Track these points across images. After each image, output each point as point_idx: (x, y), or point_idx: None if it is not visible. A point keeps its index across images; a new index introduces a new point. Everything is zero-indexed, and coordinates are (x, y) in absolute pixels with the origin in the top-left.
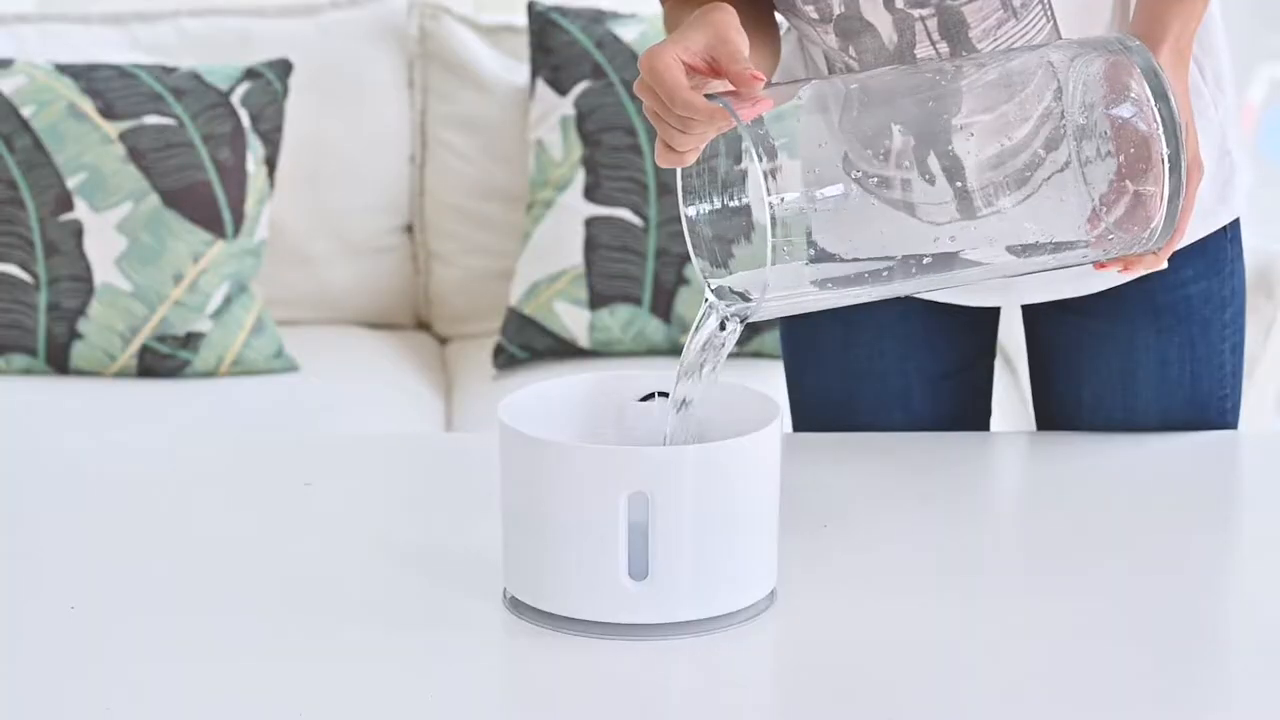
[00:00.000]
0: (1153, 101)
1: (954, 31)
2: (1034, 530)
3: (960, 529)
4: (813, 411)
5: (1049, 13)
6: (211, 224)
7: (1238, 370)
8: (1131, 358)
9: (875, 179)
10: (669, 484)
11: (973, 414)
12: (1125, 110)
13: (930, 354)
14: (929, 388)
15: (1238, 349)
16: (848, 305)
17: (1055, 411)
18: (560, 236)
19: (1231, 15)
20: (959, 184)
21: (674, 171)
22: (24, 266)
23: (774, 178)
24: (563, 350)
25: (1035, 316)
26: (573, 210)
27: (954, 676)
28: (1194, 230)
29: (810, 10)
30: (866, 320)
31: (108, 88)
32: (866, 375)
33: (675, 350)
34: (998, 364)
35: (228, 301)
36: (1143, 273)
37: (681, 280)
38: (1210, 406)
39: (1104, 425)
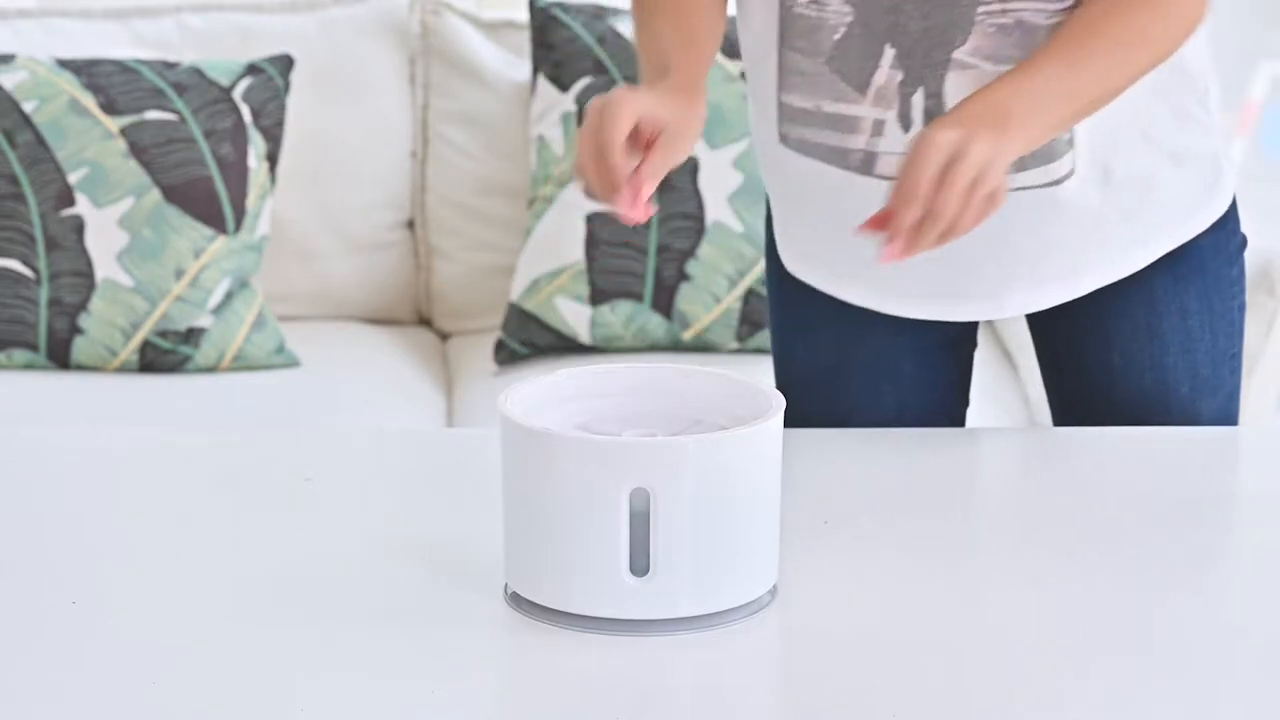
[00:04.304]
0: None
1: None
2: (1036, 527)
3: (962, 525)
4: (801, 389)
5: None
6: (213, 219)
7: (1242, 330)
8: (1154, 310)
9: None
10: (671, 475)
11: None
12: None
13: (917, 336)
14: (921, 358)
15: (1243, 309)
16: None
17: (1085, 386)
18: (561, 232)
19: (1233, 14)
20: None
21: (673, 168)
22: (25, 262)
23: None
24: (564, 346)
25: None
26: (574, 206)
27: (955, 672)
28: (1190, 225)
29: None
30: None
31: (109, 83)
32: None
33: (676, 346)
34: (998, 359)
35: (229, 297)
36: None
37: (683, 276)
38: (1224, 364)
39: (1136, 390)
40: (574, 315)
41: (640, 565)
